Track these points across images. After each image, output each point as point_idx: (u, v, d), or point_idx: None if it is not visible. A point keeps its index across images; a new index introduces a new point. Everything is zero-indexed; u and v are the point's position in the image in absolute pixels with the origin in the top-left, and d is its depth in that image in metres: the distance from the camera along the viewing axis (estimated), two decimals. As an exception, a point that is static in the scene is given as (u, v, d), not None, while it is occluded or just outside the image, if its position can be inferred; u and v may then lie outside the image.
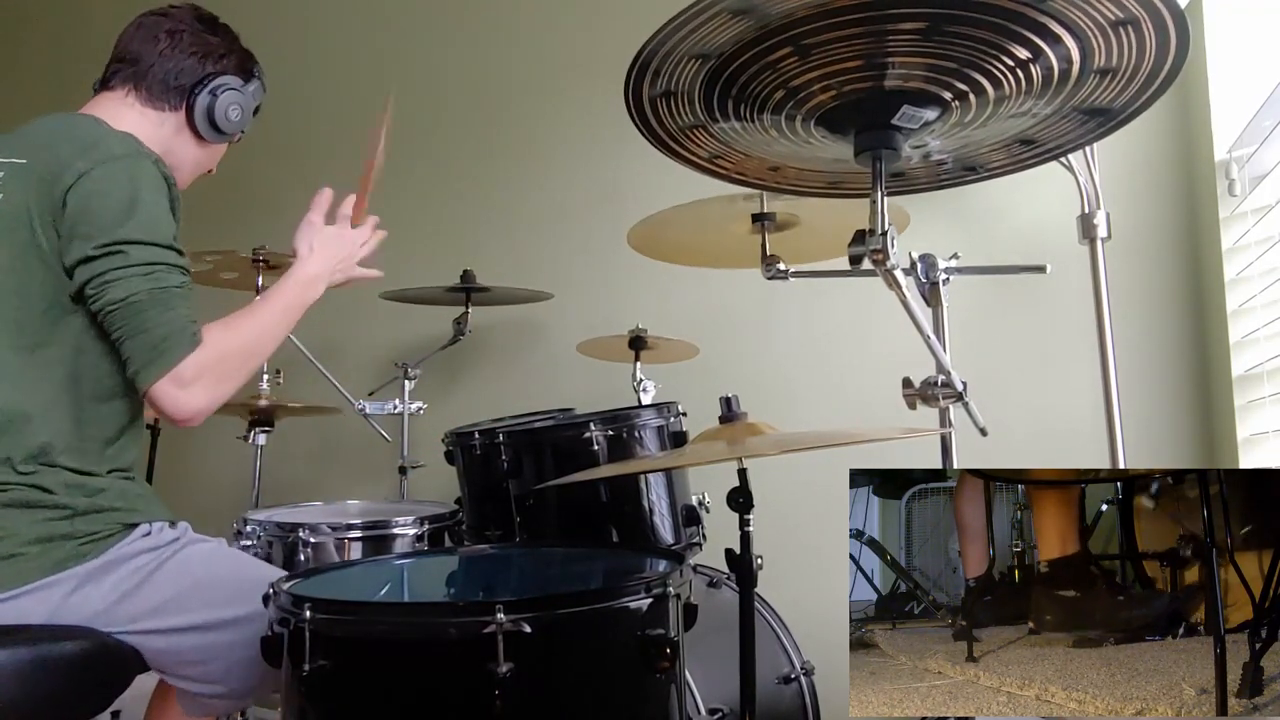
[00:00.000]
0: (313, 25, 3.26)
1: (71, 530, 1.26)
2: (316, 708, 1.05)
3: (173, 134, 1.48)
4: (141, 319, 1.27)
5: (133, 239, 1.28)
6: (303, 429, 2.92)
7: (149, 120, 1.46)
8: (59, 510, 1.26)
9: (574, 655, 1.04)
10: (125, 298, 1.27)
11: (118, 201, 1.29)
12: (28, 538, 1.24)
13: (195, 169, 1.57)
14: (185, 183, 1.56)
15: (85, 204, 1.28)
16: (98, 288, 1.27)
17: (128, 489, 1.36)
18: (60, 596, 1.24)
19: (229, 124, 1.50)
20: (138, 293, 1.27)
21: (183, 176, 1.54)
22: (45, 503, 1.26)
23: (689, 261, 2.08)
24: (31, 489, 1.25)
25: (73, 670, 1.22)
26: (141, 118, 1.45)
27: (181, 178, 1.53)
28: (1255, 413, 1.79)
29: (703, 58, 0.98)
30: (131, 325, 1.27)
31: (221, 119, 1.49)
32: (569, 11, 2.79)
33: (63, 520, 1.26)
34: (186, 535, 1.39)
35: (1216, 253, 1.87)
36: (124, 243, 1.27)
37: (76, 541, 1.26)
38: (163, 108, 1.47)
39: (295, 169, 3.23)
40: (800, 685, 1.75)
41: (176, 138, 1.49)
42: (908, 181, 1.30)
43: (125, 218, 1.28)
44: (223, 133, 1.51)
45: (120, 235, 1.27)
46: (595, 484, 1.71)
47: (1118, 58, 0.96)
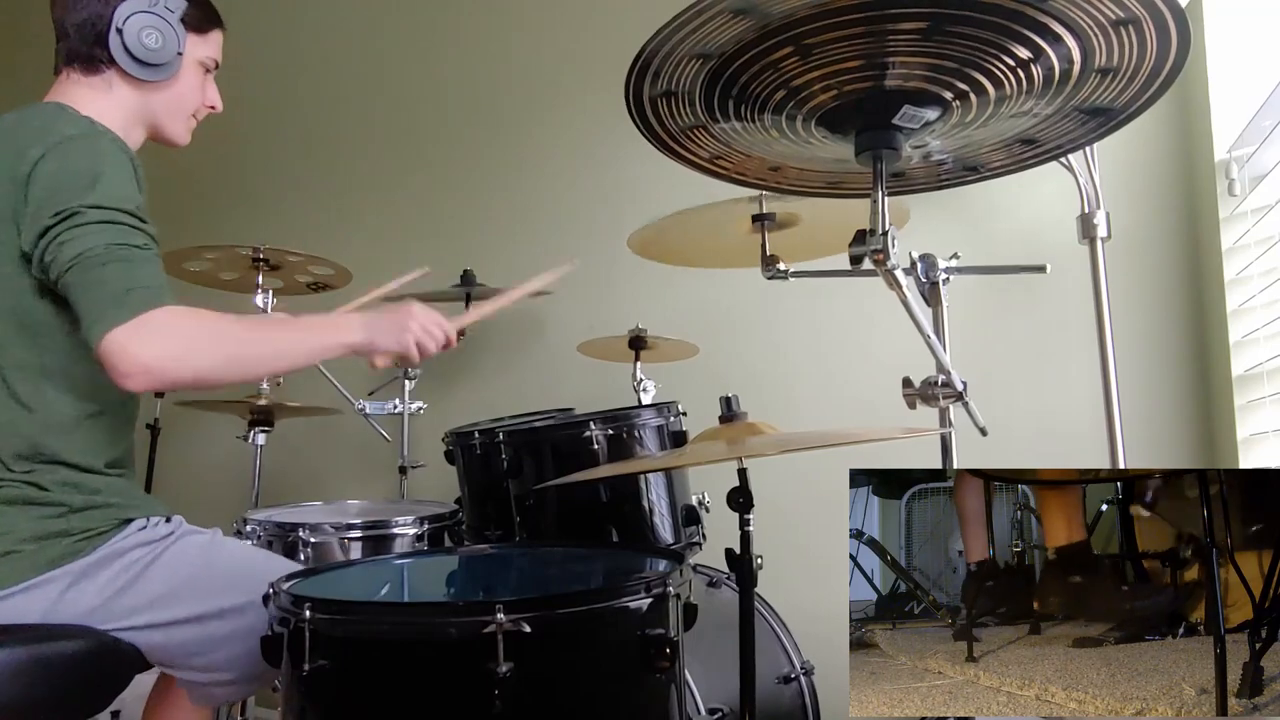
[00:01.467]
0: (312, 26, 3.26)
1: (67, 527, 1.26)
2: (316, 707, 1.05)
3: (125, 92, 1.38)
4: (99, 273, 1.16)
5: (89, 203, 1.19)
6: (303, 429, 2.91)
7: (96, 89, 1.37)
8: (55, 508, 1.26)
9: (574, 655, 1.04)
10: (80, 253, 1.17)
11: (78, 176, 1.21)
12: (23, 535, 1.23)
13: (178, 112, 1.44)
14: (182, 133, 1.46)
15: (46, 185, 1.20)
16: (53, 252, 1.17)
17: (124, 487, 1.36)
18: (56, 594, 1.24)
19: (155, 52, 1.35)
20: (94, 248, 1.17)
21: (172, 127, 1.44)
22: (41, 500, 1.25)
23: (689, 263, 2.08)
24: (27, 486, 1.25)
25: (71, 670, 1.22)
26: (90, 89, 1.36)
27: (172, 129, 1.44)
28: (1255, 412, 1.79)
29: (703, 58, 0.98)
30: (88, 279, 1.16)
31: (142, 51, 1.34)
32: (569, 12, 2.79)
33: (59, 517, 1.26)
34: (181, 528, 1.38)
35: (1216, 252, 1.87)
36: (83, 207, 1.18)
37: (72, 538, 1.26)
38: (98, 69, 1.36)
39: (295, 169, 3.23)
40: (800, 685, 1.75)
41: (129, 93, 1.38)
42: (908, 181, 1.30)
43: (87, 190, 1.20)
44: (156, 65, 1.36)
45: (79, 203, 1.18)
46: (595, 484, 1.71)
47: (1118, 57, 0.96)
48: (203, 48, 1.45)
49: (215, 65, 1.49)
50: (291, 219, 3.17)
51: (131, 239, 1.20)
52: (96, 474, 1.32)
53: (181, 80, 1.42)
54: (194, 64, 1.44)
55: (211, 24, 1.46)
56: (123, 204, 1.21)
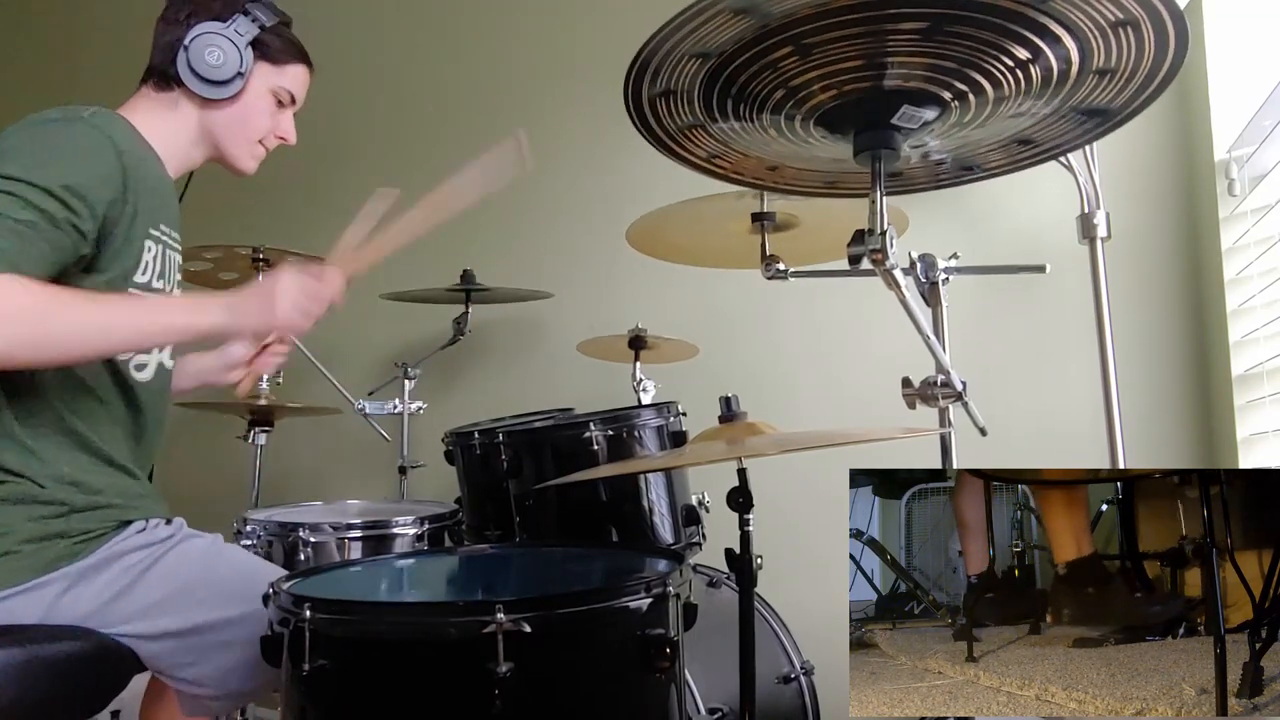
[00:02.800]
0: (312, 25, 3.25)
1: (66, 528, 1.25)
2: (316, 707, 1.05)
3: (189, 109, 1.42)
4: None
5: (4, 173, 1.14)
6: (303, 429, 2.91)
7: (163, 104, 1.41)
8: (54, 506, 1.25)
9: (574, 655, 1.04)
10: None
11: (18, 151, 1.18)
12: (23, 535, 1.22)
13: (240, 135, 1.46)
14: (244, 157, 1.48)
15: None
16: None
17: (128, 486, 1.35)
18: (53, 597, 1.24)
19: (214, 69, 1.39)
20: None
21: (234, 152, 1.46)
22: (39, 498, 1.24)
23: (688, 261, 2.08)
24: (31, 484, 1.24)
25: (69, 671, 1.22)
26: (157, 104, 1.41)
27: (234, 154, 1.46)
28: (1255, 412, 1.79)
29: (703, 57, 0.98)
30: None
31: (203, 67, 1.38)
32: (569, 11, 2.79)
33: (58, 518, 1.25)
34: (181, 532, 1.38)
35: (1216, 252, 1.87)
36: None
37: (71, 540, 1.25)
38: (169, 87, 1.41)
39: (295, 168, 3.22)
40: (800, 685, 1.75)
41: (192, 111, 1.42)
42: (907, 181, 1.30)
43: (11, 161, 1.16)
44: (216, 82, 1.40)
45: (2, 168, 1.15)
46: (595, 484, 1.71)
47: (1117, 58, 0.96)
48: (276, 78, 1.47)
49: (292, 100, 1.51)
50: (291, 219, 3.17)
51: (14, 211, 1.13)
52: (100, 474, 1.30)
53: (246, 103, 1.44)
54: (264, 91, 1.46)
55: (291, 58, 1.49)
56: (36, 179, 1.15)
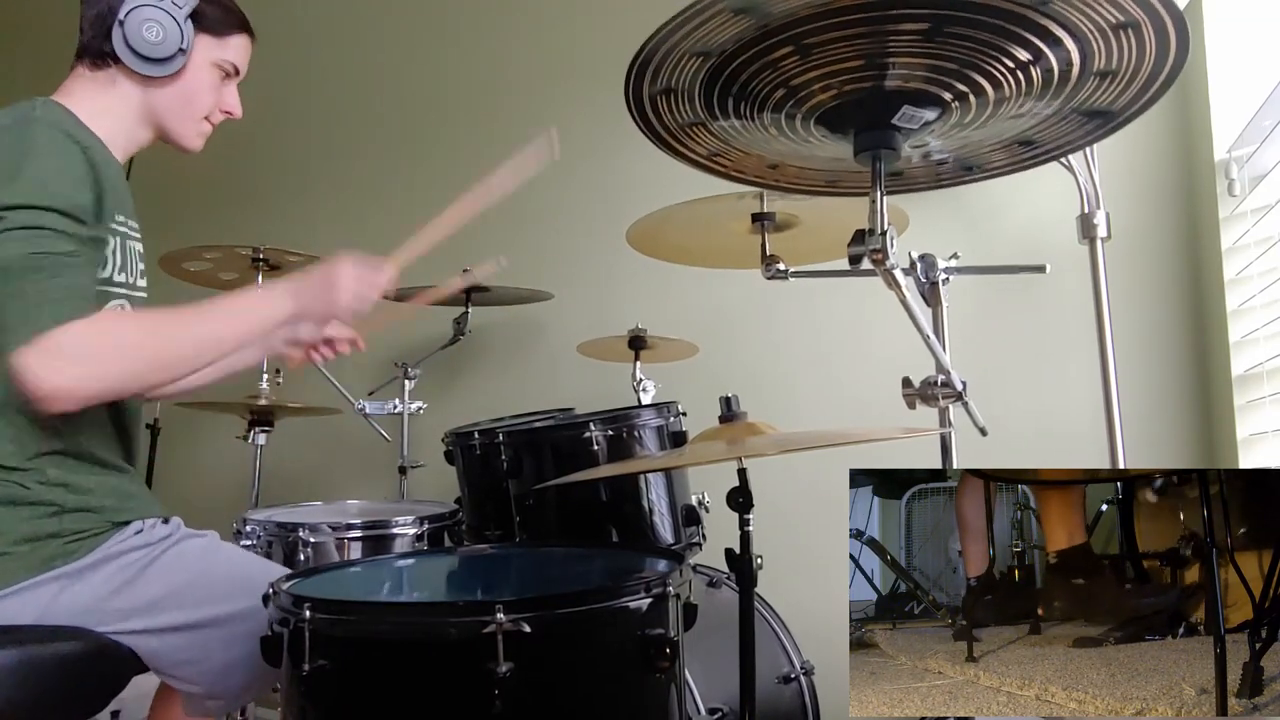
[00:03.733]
0: (312, 25, 3.26)
1: (59, 529, 1.24)
2: (316, 708, 1.05)
3: (128, 88, 1.36)
4: (13, 287, 1.12)
5: (13, 203, 1.14)
6: (303, 429, 2.91)
7: (99, 84, 1.35)
8: (46, 507, 1.24)
9: (574, 655, 1.04)
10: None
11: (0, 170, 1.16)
12: (15, 536, 1.21)
13: (184, 113, 1.40)
14: (190, 135, 1.43)
15: None
16: None
17: (120, 486, 1.34)
18: (49, 597, 1.23)
19: (154, 46, 1.32)
20: (10, 259, 1.12)
21: (179, 130, 1.41)
22: (27, 499, 1.23)
23: (689, 261, 2.08)
24: (16, 486, 1.23)
25: (68, 671, 1.22)
26: (94, 83, 1.35)
27: (179, 132, 1.41)
28: (1255, 412, 1.79)
29: (704, 55, 0.98)
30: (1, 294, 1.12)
31: (142, 44, 1.31)
32: (569, 10, 2.79)
33: (50, 518, 1.24)
34: (179, 531, 1.37)
35: (1216, 252, 1.87)
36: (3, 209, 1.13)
37: (63, 540, 1.24)
38: (104, 64, 1.34)
39: (295, 168, 3.23)
40: (800, 685, 1.75)
41: (132, 90, 1.36)
42: (907, 181, 1.30)
43: (5, 185, 1.15)
44: (157, 60, 1.33)
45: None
46: (595, 484, 1.71)
47: (1118, 60, 0.96)
48: (219, 50, 1.42)
49: (236, 71, 1.46)
50: (291, 219, 3.17)
51: (53, 245, 1.15)
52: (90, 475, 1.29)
53: (189, 79, 1.39)
54: (207, 65, 1.41)
55: (232, 29, 1.43)
56: (46, 202, 1.16)
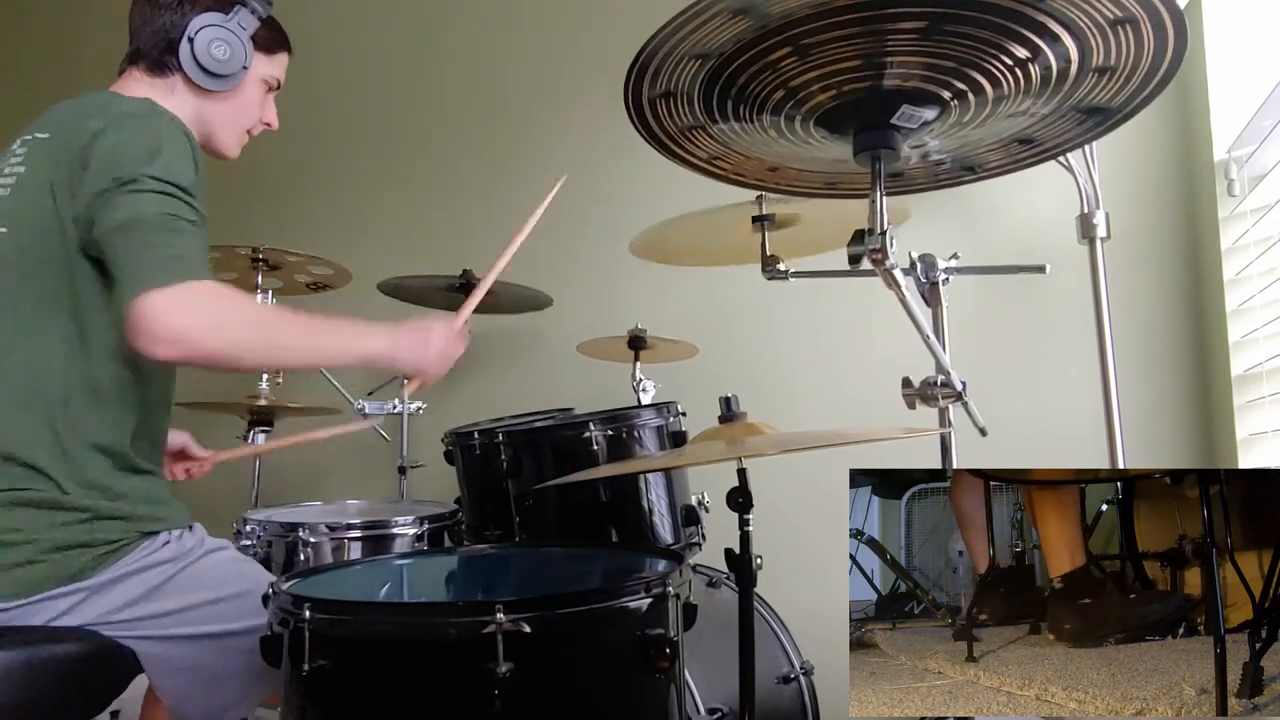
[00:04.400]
0: (313, 24, 3.25)
1: (90, 539, 1.22)
2: (316, 708, 1.05)
3: (186, 97, 1.42)
4: (148, 237, 1.17)
5: (152, 174, 1.20)
6: (302, 428, 2.91)
7: (159, 91, 1.41)
8: (75, 513, 1.21)
9: (573, 655, 1.04)
10: (132, 217, 1.17)
11: (139, 149, 1.22)
12: (44, 545, 1.19)
13: (234, 124, 1.49)
14: (233, 145, 1.50)
15: (106, 155, 1.22)
16: (106, 213, 1.18)
17: (152, 491, 1.32)
18: (68, 606, 1.22)
19: (222, 64, 1.41)
20: (147, 213, 1.18)
21: (225, 139, 1.49)
22: (62, 504, 1.21)
23: (689, 262, 2.08)
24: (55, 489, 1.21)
25: (70, 672, 1.21)
26: (152, 89, 1.40)
27: (225, 141, 1.49)
28: (1254, 412, 1.79)
29: (702, 58, 0.98)
30: (135, 242, 1.17)
31: (210, 61, 1.40)
32: (569, 13, 2.79)
33: (81, 524, 1.22)
34: (203, 544, 1.35)
35: (1216, 252, 1.87)
36: (142, 175, 1.19)
37: (95, 551, 1.22)
38: (164, 73, 1.41)
39: (294, 168, 3.23)
40: (799, 685, 1.75)
41: (190, 99, 1.43)
42: (906, 181, 1.30)
43: (147, 161, 1.21)
44: (221, 75, 1.41)
45: (139, 171, 1.20)
46: (595, 484, 1.71)
47: (1116, 57, 0.96)
48: (268, 67, 1.49)
49: (278, 85, 1.53)
50: (290, 219, 3.17)
51: (183, 213, 1.21)
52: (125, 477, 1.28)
53: (242, 94, 1.47)
54: (257, 81, 1.49)
55: (280, 47, 1.51)
56: (179, 180, 1.22)
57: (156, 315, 1.12)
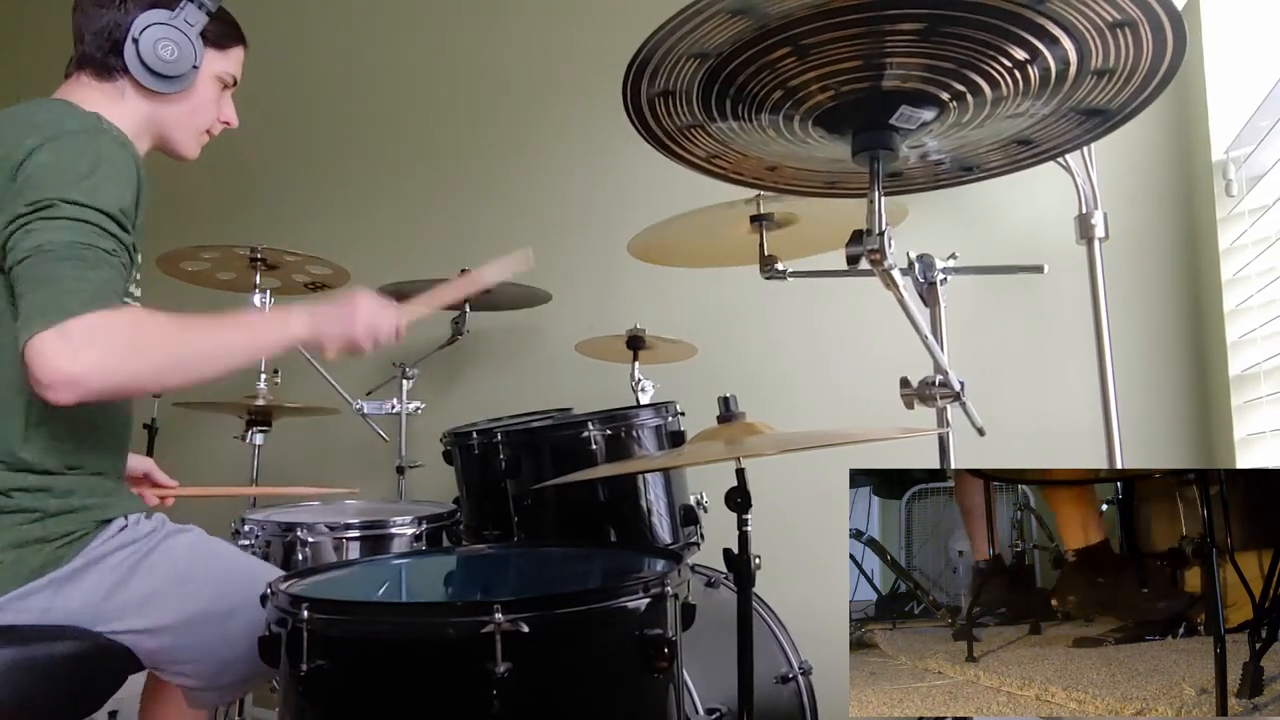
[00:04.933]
0: (310, 25, 3.26)
1: (45, 533, 1.22)
2: (314, 708, 1.05)
3: (136, 101, 1.36)
4: (52, 269, 1.10)
5: (70, 198, 1.14)
6: (300, 429, 2.91)
7: (108, 95, 1.35)
8: (28, 513, 1.22)
9: (572, 655, 1.04)
10: (39, 245, 1.11)
11: (67, 172, 1.17)
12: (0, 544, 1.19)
13: (190, 126, 1.43)
14: (192, 147, 1.45)
15: (33, 175, 1.16)
16: (16, 240, 1.12)
17: (98, 485, 1.32)
18: (42, 604, 1.22)
19: (170, 64, 1.34)
20: (55, 243, 1.11)
21: (182, 141, 1.43)
22: (11, 508, 1.21)
23: (688, 263, 2.08)
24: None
25: (66, 671, 1.22)
26: (101, 94, 1.34)
27: (182, 143, 1.43)
28: (1252, 412, 1.79)
29: (701, 57, 0.98)
30: (37, 274, 1.10)
31: (157, 63, 1.33)
32: (568, 11, 2.79)
33: (34, 523, 1.22)
34: (164, 527, 1.36)
35: (1214, 253, 1.88)
36: (60, 200, 1.14)
37: (52, 544, 1.22)
38: (112, 77, 1.35)
39: (293, 168, 3.23)
40: (798, 685, 1.75)
41: (140, 103, 1.37)
42: (905, 181, 1.30)
43: (69, 186, 1.15)
44: (170, 77, 1.35)
45: (57, 196, 1.14)
46: (593, 484, 1.71)
47: (1115, 59, 0.96)
48: (221, 63, 1.43)
49: (234, 82, 1.47)
50: (289, 218, 3.17)
51: (99, 241, 1.15)
52: (68, 475, 1.27)
53: (196, 94, 1.41)
54: (211, 79, 1.42)
55: (233, 40, 1.45)
56: (104, 205, 1.17)
57: (44, 359, 1.07)
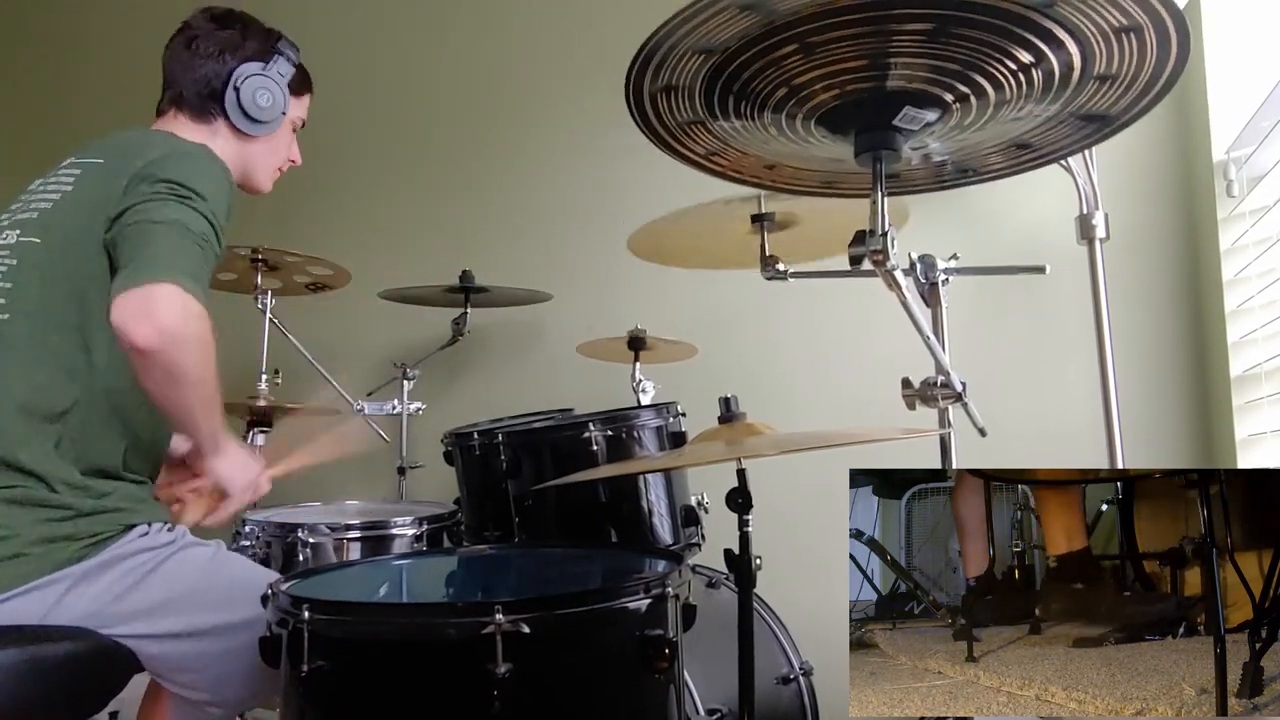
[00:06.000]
0: (310, 24, 3.24)
1: (74, 531, 1.25)
2: (315, 708, 1.05)
3: (228, 139, 1.51)
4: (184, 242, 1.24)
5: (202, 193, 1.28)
6: (300, 429, 2.90)
7: (203, 135, 1.48)
8: (62, 510, 1.25)
9: (573, 656, 1.04)
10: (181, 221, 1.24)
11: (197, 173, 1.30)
12: (31, 538, 1.22)
13: (269, 164, 1.59)
14: (267, 182, 1.61)
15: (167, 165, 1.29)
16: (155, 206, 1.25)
17: (134, 491, 1.35)
18: (56, 596, 1.23)
19: (264, 110, 1.51)
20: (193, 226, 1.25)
21: (261, 178, 1.59)
22: (49, 502, 1.24)
23: (689, 264, 2.08)
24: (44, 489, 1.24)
25: (69, 671, 1.22)
26: (197, 133, 1.48)
27: (260, 179, 1.59)
28: (1253, 413, 1.80)
29: (707, 53, 0.98)
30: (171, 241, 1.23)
31: (254, 109, 1.50)
32: (569, 11, 2.79)
33: (65, 521, 1.25)
34: (184, 539, 1.38)
35: (1215, 253, 1.88)
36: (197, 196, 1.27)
37: (80, 543, 1.25)
38: (209, 119, 1.50)
39: (293, 169, 3.22)
40: (799, 686, 1.75)
41: (232, 142, 1.52)
42: (906, 183, 1.30)
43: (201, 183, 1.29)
44: (263, 122, 1.52)
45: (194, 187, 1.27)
46: (594, 484, 1.71)
47: (1118, 64, 0.96)
48: (298, 109, 1.62)
49: (303, 125, 1.66)
50: (290, 219, 3.16)
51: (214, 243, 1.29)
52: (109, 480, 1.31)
53: (277, 137, 1.58)
54: (289, 123, 1.60)
55: (307, 88, 1.64)
56: (218, 218, 1.31)
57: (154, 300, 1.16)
